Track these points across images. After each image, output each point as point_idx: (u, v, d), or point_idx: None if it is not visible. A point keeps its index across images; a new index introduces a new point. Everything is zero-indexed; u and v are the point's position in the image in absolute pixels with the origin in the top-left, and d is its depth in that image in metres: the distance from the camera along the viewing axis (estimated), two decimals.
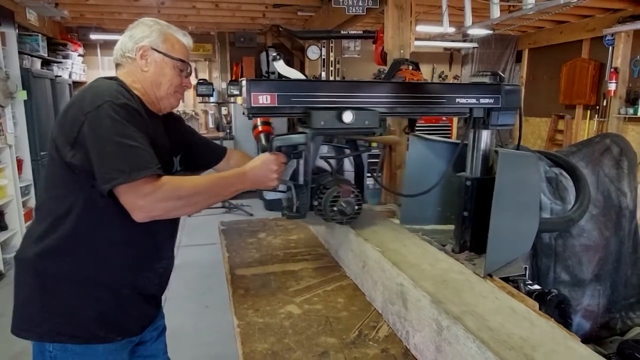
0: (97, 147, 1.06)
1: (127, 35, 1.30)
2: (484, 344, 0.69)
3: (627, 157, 2.62)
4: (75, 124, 1.09)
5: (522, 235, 1.38)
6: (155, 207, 1.07)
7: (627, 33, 5.77)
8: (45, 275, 1.17)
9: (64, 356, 1.17)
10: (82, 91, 1.19)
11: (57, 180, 1.17)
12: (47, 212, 1.18)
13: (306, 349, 0.94)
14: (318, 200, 1.28)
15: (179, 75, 1.31)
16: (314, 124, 1.20)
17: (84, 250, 1.15)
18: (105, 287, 1.18)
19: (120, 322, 1.22)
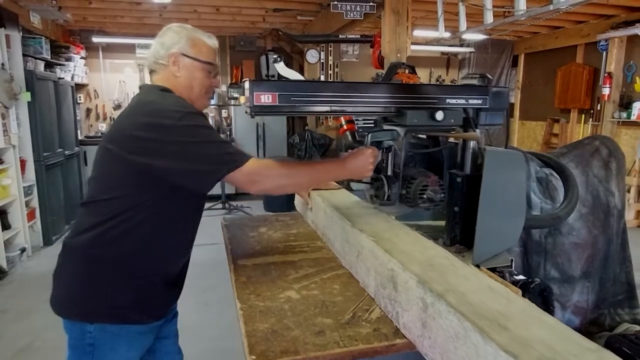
0: (190, 152, 1.18)
1: (159, 43, 1.40)
2: (463, 316, 0.77)
3: (616, 159, 2.71)
4: (154, 135, 1.20)
5: (509, 229, 1.46)
6: (268, 181, 1.23)
7: (621, 38, 5.88)
8: (92, 261, 1.28)
9: (102, 336, 1.28)
10: (151, 104, 1.28)
11: (118, 184, 1.26)
12: (99, 210, 1.27)
13: (304, 328, 1.02)
14: (406, 190, 1.43)
15: (208, 77, 1.42)
16: (408, 121, 1.36)
17: (130, 243, 1.26)
18: (142, 275, 1.30)
19: (151, 306, 1.34)
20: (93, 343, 1.29)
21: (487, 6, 3.11)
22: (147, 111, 1.26)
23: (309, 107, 1.32)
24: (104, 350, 1.29)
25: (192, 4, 5.56)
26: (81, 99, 7.15)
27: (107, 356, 1.30)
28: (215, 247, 4.87)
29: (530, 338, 0.70)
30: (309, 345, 0.95)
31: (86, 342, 1.29)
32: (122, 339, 1.31)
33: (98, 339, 1.29)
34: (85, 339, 1.29)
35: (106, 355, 1.30)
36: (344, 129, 1.74)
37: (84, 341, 1.29)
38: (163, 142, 1.19)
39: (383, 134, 1.48)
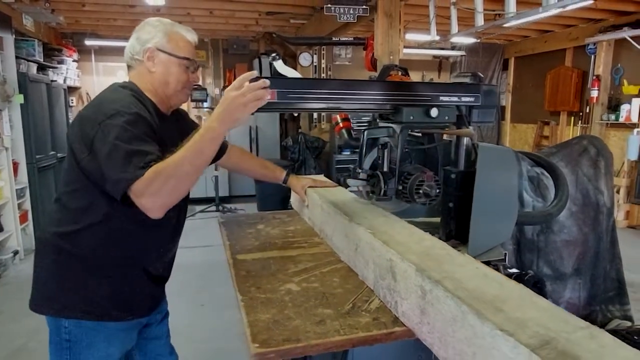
0: (107, 153, 1.12)
1: (134, 38, 1.37)
2: (461, 300, 0.80)
3: (604, 158, 2.77)
4: (90, 132, 1.16)
5: (502, 223, 1.50)
6: (156, 199, 1.08)
7: (609, 42, 6.00)
8: (62, 254, 1.26)
9: (78, 332, 1.27)
10: (99, 99, 1.28)
11: (74, 179, 1.25)
12: (65, 204, 1.28)
13: (305, 318, 1.04)
14: (402, 185, 1.45)
15: (185, 72, 1.38)
16: (404, 118, 1.38)
17: (97, 237, 1.24)
18: (118, 269, 1.28)
19: (131, 302, 1.32)
20: (69, 339, 1.27)
21: (478, 9, 3.17)
22: (91, 105, 1.26)
23: (307, 104, 1.34)
24: (81, 346, 1.28)
25: (186, 7, 5.58)
26: (73, 102, 7.11)
27: (84, 352, 1.29)
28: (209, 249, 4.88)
29: (525, 318, 0.73)
30: (310, 333, 0.97)
31: (63, 338, 1.27)
32: (100, 335, 1.29)
33: (74, 335, 1.27)
34: (62, 334, 1.27)
35: (83, 351, 1.28)
36: (339, 127, 1.78)
37: (60, 336, 1.28)
38: (90, 137, 1.15)
39: (379, 130, 1.52)
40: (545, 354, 0.63)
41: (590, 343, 0.66)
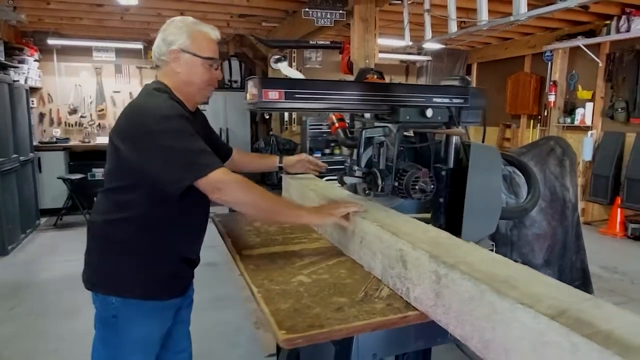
0: (163, 156, 1.28)
1: (160, 39, 1.45)
2: (478, 280, 0.88)
3: (569, 157, 2.98)
4: (140, 137, 1.30)
5: (490, 215, 1.61)
6: (230, 194, 1.29)
7: (564, 50, 6.39)
8: (109, 239, 1.41)
9: (124, 308, 1.40)
10: (140, 105, 1.39)
11: (121, 176, 1.39)
12: (111, 197, 1.41)
13: (323, 306, 1.10)
14: (398, 182, 1.53)
15: (208, 71, 1.46)
16: (401, 118, 1.46)
17: (140, 225, 1.38)
18: (158, 254, 1.42)
19: (169, 283, 1.47)
20: (116, 314, 1.40)
21: (451, 16, 3.33)
22: (135, 113, 1.38)
23: (311, 104, 1.40)
24: (125, 322, 1.40)
25: (156, 7, 5.49)
26: (34, 104, 6.82)
27: (128, 328, 1.41)
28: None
29: (538, 293, 0.82)
30: (331, 320, 1.03)
31: (110, 314, 1.40)
32: (143, 312, 1.41)
33: (120, 311, 1.40)
34: (109, 311, 1.40)
35: (127, 326, 1.41)
36: (335, 127, 1.84)
37: (108, 312, 1.40)
38: (141, 144, 1.30)
39: (376, 130, 1.59)
40: (563, 321, 0.71)
41: (598, 311, 0.75)
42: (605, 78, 5.90)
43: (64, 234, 5.61)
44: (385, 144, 1.58)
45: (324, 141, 7.49)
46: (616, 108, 5.71)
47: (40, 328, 3.15)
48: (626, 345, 0.65)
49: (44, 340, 2.97)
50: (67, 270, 4.27)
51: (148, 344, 1.47)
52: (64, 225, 5.94)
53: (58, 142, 6.77)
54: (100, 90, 7.33)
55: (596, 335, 0.67)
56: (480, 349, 0.88)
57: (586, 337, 0.67)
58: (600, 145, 5.94)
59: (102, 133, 7.28)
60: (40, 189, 6.15)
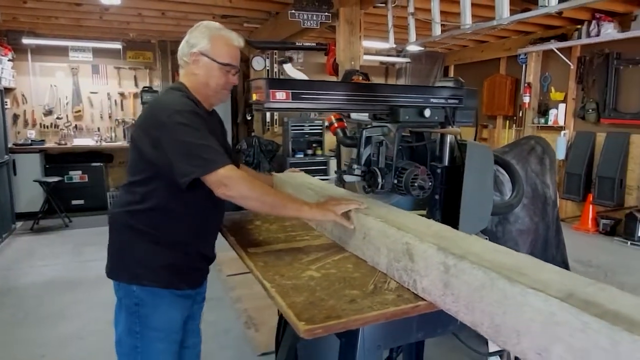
0: (175, 149, 1.35)
1: (185, 41, 1.53)
2: (488, 269, 0.94)
3: (549, 156, 3.11)
4: (154, 130, 1.39)
5: (484, 210, 1.69)
6: (235, 189, 1.36)
7: (537, 53, 6.62)
8: (132, 230, 1.48)
9: (146, 296, 1.47)
10: (156, 102, 1.54)
11: (141, 169, 1.46)
12: (132, 190, 1.49)
13: (336, 298, 1.14)
14: (398, 179, 1.59)
15: (225, 75, 1.53)
16: (400, 118, 1.53)
17: (159, 218, 1.46)
18: (179, 247, 1.50)
19: (187, 274, 1.55)
20: (138, 302, 1.47)
21: (435, 20, 3.43)
22: (152, 108, 1.49)
23: (316, 104, 1.45)
24: (147, 309, 1.47)
25: (137, 7, 5.42)
26: (8, 104, 6.62)
27: (150, 314, 1.48)
28: None
29: (545, 279, 0.89)
30: (347, 310, 1.07)
31: (132, 302, 1.47)
32: (164, 300, 1.49)
33: (142, 299, 1.47)
34: (132, 298, 1.47)
35: (149, 313, 1.48)
36: (334, 127, 1.89)
37: (130, 300, 1.47)
38: (156, 136, 1.38)
39: (376, 129, 1.65)
40: (573, 303, 0.78)
41: (603, 294, 0.82)
42: (576, 80, 6.15)
43: (41, 239, 5.47)
44: (385, 143, 1.64)
45: (306, 142, 7.54)
46: (587, 109, 5.96)
47: (24, 334, 3.08)
48: (631, 321, 0.71)
49: (30, 346, 2.91)
50: (47, 275, 4.18)
51: (170, 332, 1.54)
52: (41, 230, 5.79)
53: (33, 144, 6.59)
54: (77, 91, 7.17)
55: (605, 314, 0.74)
56: (490, 333, 0.94)
57: (596, 316, 0.74)
58: (573, 145, 6.19)
59: (78, 135, 7.12)
60: (15, 192, 5.98)
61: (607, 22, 5.41)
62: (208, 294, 4.02)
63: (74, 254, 4.77)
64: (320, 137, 7.58)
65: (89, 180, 6.71)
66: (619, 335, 0.70)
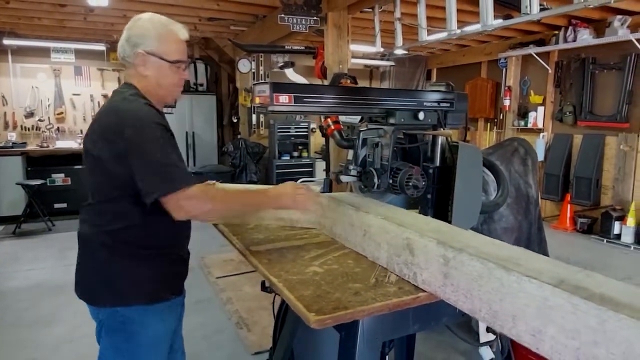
0: (141, 165, 1.27)
1: (125, 38, 1.38)
2: (486, 260, 1.02)
3: (531, 156, 3.25)
4: (119, 140, 1.27)
5: (474, 208, 1.78)
6: (192, 210, 1.31)
7: (517, 57, 6.83)
8: (109, 250, 1.37)
9: (132, 313, 1.37)
10: (117, 110, 1.34)
11: (107, 187, 1.35)
12: (104, 210, 1.38)
13: (341, 292, 1.21)
14: (393, 179, 1.65)
15: (176, 73, 1.43)
16: (396, 120, 1.59)
17: (138, 233, 1.37)
18: (158, 257, 1.43)
19: (173, 281, 1.49)
20: (124, 321, 1.37)
21: (421, 25, 3.54)
22: (114, 116, 1.34)
23: (317, 107, 1.51)
24: (136, 327, 1.38)
25: (122, 9, 5.39)
26: None
27: (139, 332, 1.39)
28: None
29: (538, 268, 0.97)
30: (353, 302, 1.14)
31: (117, 321, 1.37)
32: (151, 314, 1.40)
33: (128, 317, 1.37)
34: (116, 318, 1.37)
35: (138, 331, 1.38)
36: (331, 129, 1.95)
37: (115, 320, 1.38)
38: (120, 148, 1.28)
39: (372, 132, 1.72)
40: (564, 288, 0.86)
41: (590, 280, 0.91)
42: (554, 84, 6.37)
43: (25, 242, 5.39)
44: (380, 145, 1.71)
45: (292, 144, 7.60)
46: (564, 112, 6.18)
47: (15, 337, 3.05)
48: (616, 303, 0.80)
49: (22, 349, 2.89)
50: (34, 279, 4.13)
51: (160, 344, 1.47)
52: (24, 234, 5.70)
53: (14, 146, 6.48)
54: (59, 92, 7.08)
55: (592, 297, 0.82)
56: (488, 318, 1.02)
57: (585, 298, 0.82)
58: (551, 146, 6.40)
59: (61, 137, 7.03)
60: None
61: (583, 28, 5.63)
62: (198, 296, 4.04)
63: (58, 258, 4.72)
64: (306, 140, 7.65)
65: (72, 183, 6.61)
66: (605, 314, 0.78)
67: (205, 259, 4.70)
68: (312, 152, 7.82)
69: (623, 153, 5.52)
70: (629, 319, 0.75)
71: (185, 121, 7.57)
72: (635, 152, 5.42)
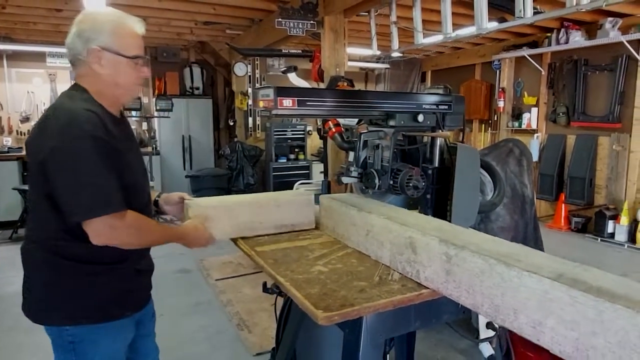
0: (60, 181, 1.17)
1: (75, 34, 1.26)
2: (487, 256, 1.06)
3: (526, 157, 3.30)
4: (42, 153, 1.18)
5: (472, 207, 1.82)
6: (110, 240, 1.23)
7: (510, 59, 6.91)
8: (55, 265, 1.28)
9: (81, 333, 1.30)
10: (51, 115, 1.23)
11: (38, 198, 1.26)
12: (41, 223, 1.29)
13: (347, 289, 1.24)
14: (393, 180, 1.69)
15: (135, 69, 1.32)
16: (396, 122, 1.63)
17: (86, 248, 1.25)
18: (110, 272, 1.33)
19: (128, 298, 1.39)
20: (73, 340, 1.29)
21: (417, 28, 3.59)
22: (48, 122, 1.23)
23: (320, 110, 1.55)
24: (85, 346, 1.30)
25: None
26: None
27: (89, 351, 1.31)
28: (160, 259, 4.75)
29: (537, 263, 1.01)
30: (359, 299, 1.17)
31: (66, 340, 1.29)
32: (103, 333, 1.32)
33: (77, 336, 1.29)
34: (64, 337, 1.29)
35: (88, 350, 1.31)
36: (332, 132, 1.99)
37: (63, 339, 1.30)
38: (42, 159, 1.18)
39: (373, 134, 1.76)
40: (563, 281, 0.90)
41: (587, 273, 0.95)
42: (547, 85, 6.45)
43: None
44: (381, 146, 1.75)
45: (288, 147, 7.64)
46: (558, 112, 6.26)
47: (15, 341, 3.06)
48: (612, 294, 0.84)
49: (21, 352, 2.91)
50: None
51: None
52: (20, 239, 5.63)
53: (10, 151, 6.47)
54: (55, 97, 7.02)
55: (590, 289, 0.86)
56: (490, 313, 1.06)
57: (583, 291, 0.86)
58: (545, 147, 6.48)
59: None
60: None
61: (575, 30, 5.72)
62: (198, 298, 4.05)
63: None
64: (302, 142, 7.69)
65: None
66: (602, 305, 0.82)
67: (203, 262, 4.72)
68: (309, 154, 7.86)
69: (615, 153, 5.61)
70: (624, 309, 0.79)
71: (181, 125, 7.59)
72: (627, 152, 5.51)
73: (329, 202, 1.78)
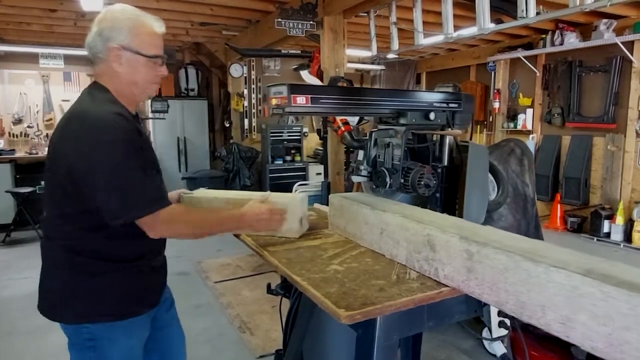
0: (102, 185, 1.19)
1: (96, 32, 1.29)
2: (512, 253, 1.05)
3: (527, 157, 3.31)
4: (75, 155, 1.20)
5: (482, 204, 1.82)
6: (164, 233, 1.31)
7: (505, 61, 6.95)
8: (74, 264, 1.29)
9: (99, 330, 1.30)
10: (79, 118, 1.24)
11: (63, 202, 1.27)
12: (62, 225, 1.29)
13: (366, 288, 1.22)
14: (404, 179, 1.68)
15: (153, 69, 1.34)
16: (408, 120, 1.62)
17: (106, 249, 1.29)
18: (128, 270, 1.34)
19: (145, 295, 1.40)
20: (92, 338, 1.30)
21: (418, 29, 3.60)
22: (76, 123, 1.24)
23: (332, 108, 1.53)
24: (104, 343, 1.31)
25: None
26: None
27: (108, 348, 1.32)
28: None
29: (563, 259, 1.00)
30: (379, 298, 1.16)
31: (84, 338, 1.30)
32: (120, 330, 1.32)
33: (96, 334, 1.30)
34: (83, 335, 1.30)
35: (107, 347, 1.31)
36: (342, 130, 1.98)
37: (82, 337, 1.30)
38: (74, 161, 1.20)
39: (383, 132, 1.75)
40: (593, 277, 0.90)
41: (614, 268, 0.95)
42: (542, 86, 6.50)
43: (16, 251, 5.29)
44: (391, 145, 1.74)
45: (285, 148, 7.61)
46: (553, 113, 6.31)
47: (14, 346, 3.00)
48: None
49: (20, 358, 2.84)
50: (28, 288, 4.05)
51: (133, 358, 1.40)
52: (14, 242, 5.60)
53: (2, 153, 6.37)
54: (48, 98, 6.98)
55: (622, 284, 0.86)
56: (515, 310, 1.05)
57: (615, 285, 0.85)
58: (541, 148, 6.52)
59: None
60: None
61: (570, 32, 5.77)
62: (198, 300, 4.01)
63: None
64: (299, 144, 7.67)
65: None
66: (636, 299, 0.82)
67: (202, 264, 4.68)
68: (305, 156, 7.84)
69: (610, 153, 5.66)
70: None
71: (176, 126, 7.53)
72: (622, 152, 5.56)
73: (340, 201, 1.76)
